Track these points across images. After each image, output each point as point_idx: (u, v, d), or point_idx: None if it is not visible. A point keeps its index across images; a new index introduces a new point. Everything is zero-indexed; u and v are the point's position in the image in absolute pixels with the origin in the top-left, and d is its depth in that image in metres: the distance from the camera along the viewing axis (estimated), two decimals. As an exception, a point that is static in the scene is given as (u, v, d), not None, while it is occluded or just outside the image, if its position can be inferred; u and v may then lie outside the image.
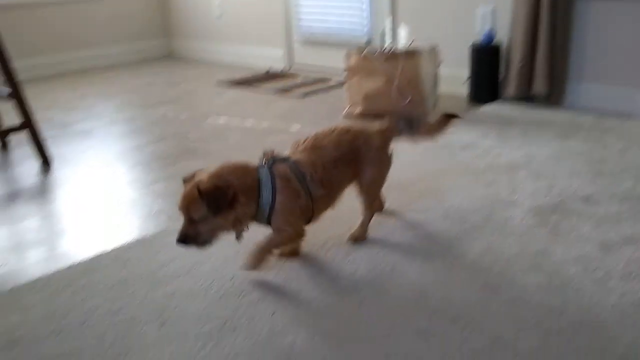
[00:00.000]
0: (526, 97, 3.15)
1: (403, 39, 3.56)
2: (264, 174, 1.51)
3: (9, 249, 1.86)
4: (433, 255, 1.70)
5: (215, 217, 1.42)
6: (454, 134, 2.42)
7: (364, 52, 3.06)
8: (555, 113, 3.01)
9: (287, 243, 1.65)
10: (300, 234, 1.62)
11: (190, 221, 1.43)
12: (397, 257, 1.69)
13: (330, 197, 1.65)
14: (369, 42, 3.89)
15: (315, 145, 1.63)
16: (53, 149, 2.78)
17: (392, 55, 2.99)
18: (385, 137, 1.77)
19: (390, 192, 1.94)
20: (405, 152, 2.23)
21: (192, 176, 1.48)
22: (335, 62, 4.14)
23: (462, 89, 3.36)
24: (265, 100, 3.65)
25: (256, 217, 1.53)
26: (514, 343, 1.30)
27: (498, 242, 1.74)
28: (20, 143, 2.93)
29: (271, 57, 4.64)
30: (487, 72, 3.23)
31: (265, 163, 1.55)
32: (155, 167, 2.55)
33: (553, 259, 1.64)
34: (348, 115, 3.17)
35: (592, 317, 1.38)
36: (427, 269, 1.62)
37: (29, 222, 2.06)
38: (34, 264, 1.77)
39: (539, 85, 3.04)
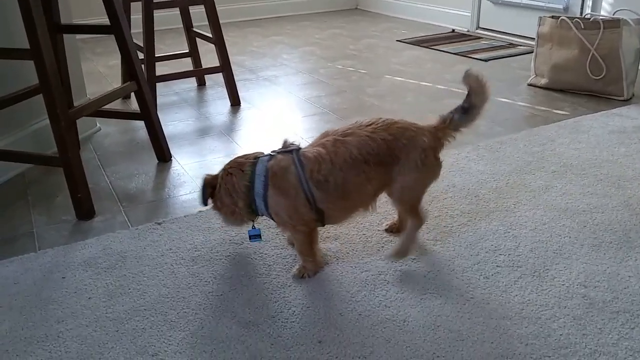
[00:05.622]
0: None
1: (607, 7, 3.24)
2: (261, 166, 1.42)
3: (198, 177, 2.09)
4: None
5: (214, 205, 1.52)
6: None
7: (560, 18, 2.85)
8: None
9: (308, 238, 1.47)
10: (308, 225, 1.44)
11: None
12: (561, 240, 1.62)
13: (346, 201, 1.44)
14: (566, 8, 3.60)
15: (339, 138, 1.42)
16: (242, 92, 3.01)
17: (592, 24, 2.75)
18: (437, 138, 1.47)
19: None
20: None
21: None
22: (524, 27, 3.93)
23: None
24: (445, 62, 3.59)
25: (257, 210, 1.46)
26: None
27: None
28: (214, 83, 3.23)
29: (457, 18, 4.51)
30: None
31: (273, 151, 1.45)
32: (332, 119, 2.66)
33: None
34: (531, 86, 3.02)
35: None
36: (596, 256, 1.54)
37: (216, 155, 2.29)
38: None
39: None
